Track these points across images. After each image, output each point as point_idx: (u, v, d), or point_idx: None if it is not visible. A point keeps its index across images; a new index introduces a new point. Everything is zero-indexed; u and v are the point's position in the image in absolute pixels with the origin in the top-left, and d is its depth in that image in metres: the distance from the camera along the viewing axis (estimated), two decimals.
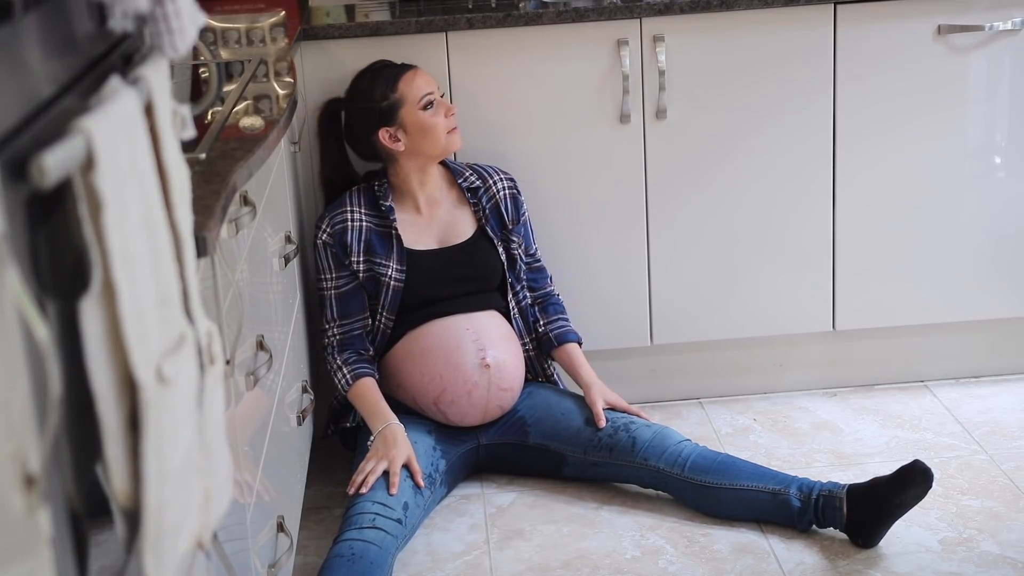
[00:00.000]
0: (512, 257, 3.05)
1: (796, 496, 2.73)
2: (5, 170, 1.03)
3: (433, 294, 2.94)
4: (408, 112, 2.92)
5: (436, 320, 2.93)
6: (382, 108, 2.93)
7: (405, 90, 2.93)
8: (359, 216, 2.95)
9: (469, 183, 3.02)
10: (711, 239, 3.26)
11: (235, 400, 1.90)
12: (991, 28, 3.15)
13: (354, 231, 2.93)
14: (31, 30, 1.15)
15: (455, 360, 2.88)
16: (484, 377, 2.88)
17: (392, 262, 2.92)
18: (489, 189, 3.03)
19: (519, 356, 2.98)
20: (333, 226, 2.94)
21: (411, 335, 2.93)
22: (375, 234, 2.94)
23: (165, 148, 1.33)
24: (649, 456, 2.86)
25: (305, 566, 2.73)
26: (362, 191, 2.99)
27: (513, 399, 2.96)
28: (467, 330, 2.91)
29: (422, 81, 2.94)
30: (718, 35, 3.13)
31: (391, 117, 2.93)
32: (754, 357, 3.40)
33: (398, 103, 2.92)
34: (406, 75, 2.94)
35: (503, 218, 3.03)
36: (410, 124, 2.93)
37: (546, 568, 2.68)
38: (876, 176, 3.24)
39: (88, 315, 1.12)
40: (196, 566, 1.54)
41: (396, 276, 2.92)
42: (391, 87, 2.93)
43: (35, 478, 0.99)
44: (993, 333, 3.42)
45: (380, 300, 2.94)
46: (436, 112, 2.93)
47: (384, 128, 2.94)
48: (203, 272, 1.68)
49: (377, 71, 2.96)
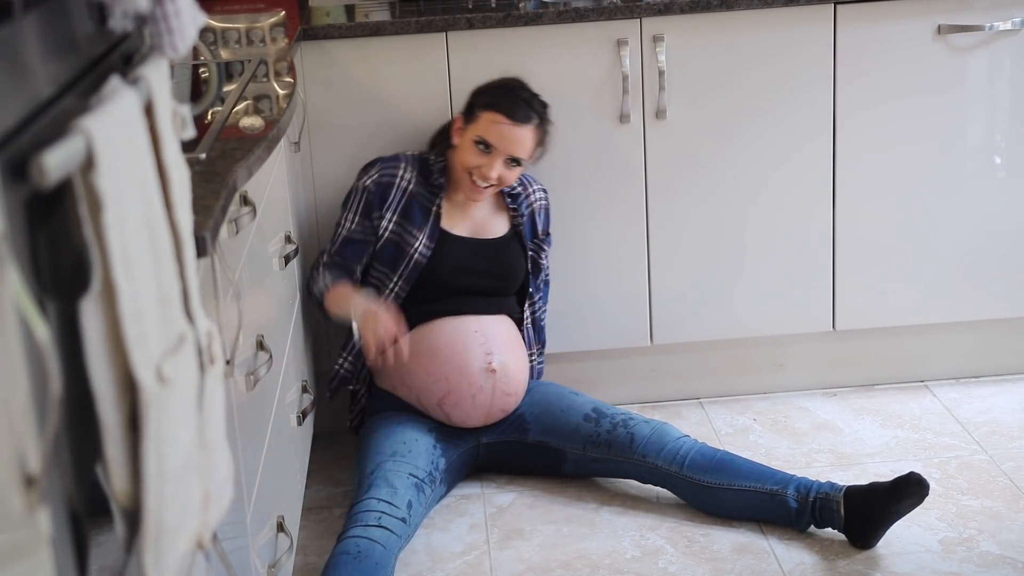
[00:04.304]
0: (537, 265, 3.08)
1: (793, 498, 2.73)
2: (5, 170, 1.03)
3: (453, 282, 2.95)
4: (472, 129, 2.92)
5: (446, 319, 2.93)
6: (471, 104, 2.96)
7: (486, 121, 2.90)
8: (409, 179, 2.96)
9: (511, 188, 3.03)
10: (711, 239, 3.26)
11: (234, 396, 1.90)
12: (991, 28, 3.15)
13: (398, 190, 2.95)
14: (31, 30, 1.15)
15: (461, 362, 2.88)
16: (489, 381, 2.89)
17: (423, 236, 2.93)
18: (528, 197, 3.06)
19: (524, 361, 2.99)
20: (382, 176, 2.96)
21: (420, 331, 2.93)
22: (417, 203, 2.96)
23: (165, 148, 1.33)
24: (647, 452, 2.86)
25: (305, 566, 2.73)
26: (417, 158, 3.01)
27: (516, 403, 2.97)
28: (475, 332, 2.91)
29: (504, 132, 2.89)
30: (718, 35, 3.13)
31: (469, 116, 2.95)
32: (754, 357, 3.41)
33: (476, 117, 2.92)
34: (504, 119, 2.89)
35: (536, 227, 3.07)
36: (465, 137, 2.93)
37: (546, 568, 2.68)
38: (876, 176, 3.24)
39: (88, 315, 1.12)
40: (196, 566, 1.54)
41: (422, 251, 2.93)
42: (488, 106, 2.91)
43: (35, 478, 0.99)
44: (993, 333, 3.43)
45: (399, 269, 2.94)
46: (480, 156, 2.90)
47: (461, 116, 2.97)
48: (203, 272, 1.68)
49: (510, 92, 2.94)
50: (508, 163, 2.92)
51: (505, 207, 3.05)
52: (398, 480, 2.74)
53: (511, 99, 2.92)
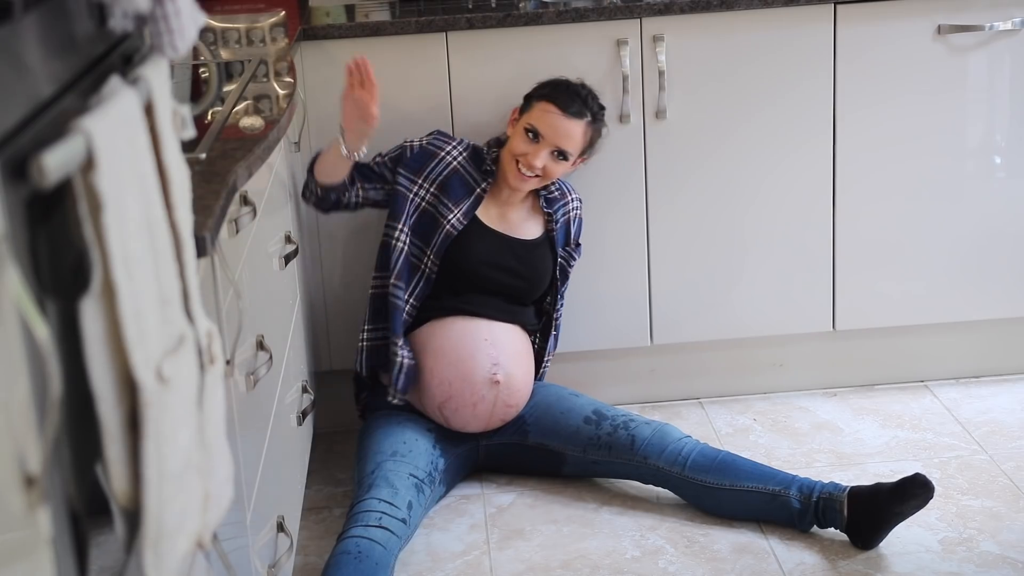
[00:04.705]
0: (565, 273, 3.09)
1: (796, 498, 2.73)
2: (5, 170, 1.03)
3: (479, 273, 2.95)
4: (525, 118, 2.94)
5: (459, 319, 2.92)
6: (529, 95, 2.98)
7: (539, 110, 2.92)
8: (456, 156, 2.98)
9: (550, 193, 3.04)
10: (711, 239, 3.26)
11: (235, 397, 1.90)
12: (991, 28, 3.15)
13: (441, 163, 2.97)
14: (31, 30, 1.15)
15: (466, 370, 2.88)
16: (492, 392, 2.89)
17: (459, 211, 2.94)
18: (565, 205, 3.07)
19: (530, 374, 2.99)
20: (429, 144, 2.99)
21: (433, 325, 2.93)
22: (459, 179, 2.97)
23: (165, 148, 1.33)
24: (649, 454, 2.86)
25: (305, 566, 2.73)
26: (472, 146, 3.03)
27: (516, 413, 2.97)
28: (485, 340, 2.90)
29: (555, 122, 2.91)
30: (718, 35, 3.13)
31: (525, 107, 2.97)
32: (754, 357, 3.40)
33: (531, 107, 2.94)
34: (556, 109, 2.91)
35: (569, 234, 3.07)
36: (518, 126, 2.95)
37: (546, 568, 2.68)
38: (876, 176, 3.24)
39: (88, 315, 1.12)
40: (196, 566, 1.54)
41: (455, 224, 2.94)
42: (544, 97, 2.94)
43: (35, 478, 0.99)
44: (993, 333, 3.43)
45: (432, 241, 2.94)
46: (529, 144, 2.92)
47: (517, 108, 2.99)
48: (203, 272, 1.68)
49: (568, 87, 2.97)
50: (555, 156, 2.92)
51: (541, 211, 3.05)
52: (399, 480, 2.74)
53: (568, 93, 2.95)
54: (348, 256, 3.22)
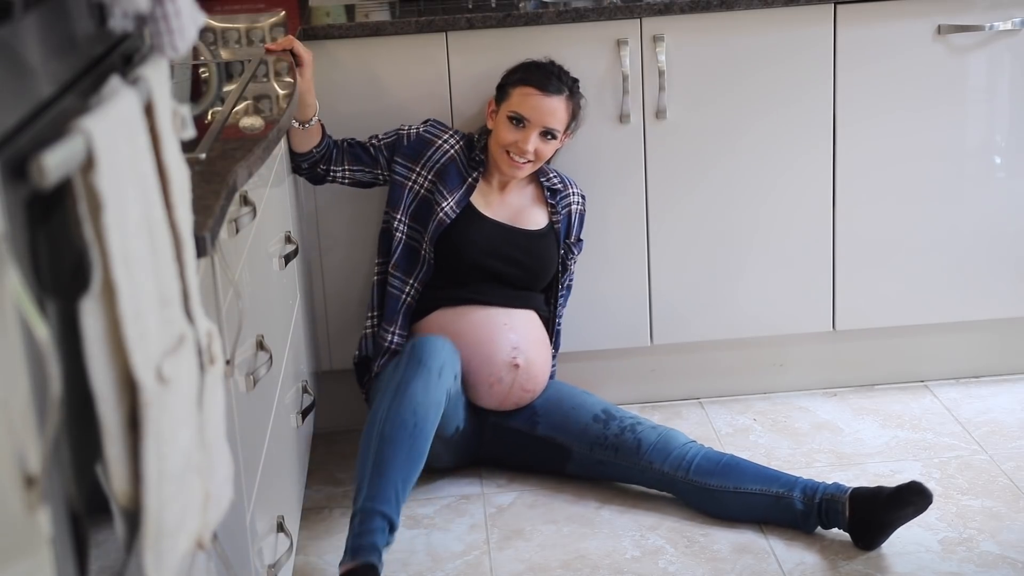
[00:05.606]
0: (565, 266, 3.10)
1: (800, 500, 2.73)
2: (5, 170, 1.03)
3: (483, 264, 2.96)
4: (505, 107, 2.95)
5: (475, 307, 2.94)
6: (502, 85, 3.00)
7: (518, 95, 2.94)
8: (453, 145, 3.00)
9: (551, 183, 3.06)
10: (711, 239, 3.26)
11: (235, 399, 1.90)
12: (991, 28, 3.15)
13: (438, 151, 2.99)
14: (31, 30, 1.15)
15: (487, 351, 2.90)
16: (510, 375, 2.90)
17: (452, 199, 2.96)
18: (568, 197, 3.08)
19: (548, 361, 3.00)
20: (426, 132, 3.02)
21: (447, 312, 2.94)
22: (455, 168, 2.99)
23: (165, 148, 1.33)
24: (654, 459, 2.87)
25: (305, 566, 2.73)
26: (465, 136, 3.05)
27: (532, 399, 2.98)
28: (504, 325, 2.92)
29: (537, 104, 2.92)
30: (718, 35, 3.13)
31: (500, 97, 2.99)
32: (754, 357, 3.40)
33: (508, 95, 2.96)
34: (535, 91, 2.93)
35: (571, 229, 3.08)
36: (499, 117, 2.97)
37: (546, 568, 2.68)
38: (876, 176, 3.24)
39: (88, 315, 1.12)
40: (196, 566, 1.54)
41: (447, 212, 2.95)
42: (519, 82, 2.95)
43: (35, 478, 0.99)
44: (993, 333, 3.43)
45: (427, 228, 2.96)
46: (515, 131, 2.93)
47: (492, 100, 3.01)
48: (203, 272, 1.68)
49: (539, 67, 2.99)
50: (544, 137, 2.94)
51: (545, 201, 3.06)
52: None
53: (541, 72, 2.96)
54: (348, 256, 3.21)
